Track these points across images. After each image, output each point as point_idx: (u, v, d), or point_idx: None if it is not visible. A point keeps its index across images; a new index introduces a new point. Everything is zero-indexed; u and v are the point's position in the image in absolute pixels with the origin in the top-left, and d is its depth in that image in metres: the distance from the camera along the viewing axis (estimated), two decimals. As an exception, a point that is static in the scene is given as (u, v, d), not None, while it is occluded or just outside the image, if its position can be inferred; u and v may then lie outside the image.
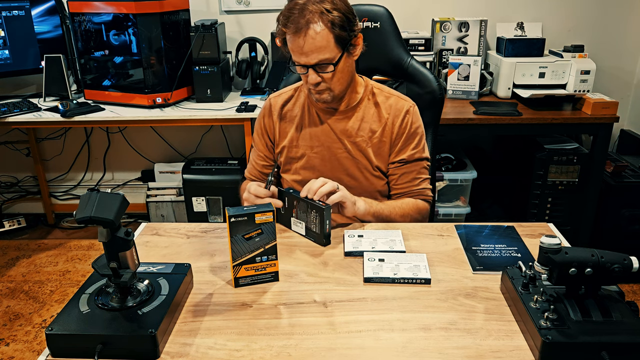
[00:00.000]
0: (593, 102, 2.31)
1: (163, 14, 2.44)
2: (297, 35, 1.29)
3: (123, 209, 0.91)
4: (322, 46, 1.30)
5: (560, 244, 0.92)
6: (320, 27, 1.28)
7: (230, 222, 1.04)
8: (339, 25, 1.29)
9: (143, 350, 0.89)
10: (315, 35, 1.28)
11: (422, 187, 1.49)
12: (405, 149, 1.46)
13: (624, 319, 0.89)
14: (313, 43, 1.29)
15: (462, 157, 2.67)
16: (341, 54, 1.33)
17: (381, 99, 1.47)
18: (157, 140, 3.09)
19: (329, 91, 1.38)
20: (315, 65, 1.33)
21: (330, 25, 1.28)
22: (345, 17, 1.31)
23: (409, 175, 1.48)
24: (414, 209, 1.46)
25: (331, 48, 1.31)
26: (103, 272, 0.94)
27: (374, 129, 1.45)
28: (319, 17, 1.27)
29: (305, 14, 1.27)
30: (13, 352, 2.13)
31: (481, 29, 2.68)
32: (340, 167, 1.47)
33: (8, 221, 3.12)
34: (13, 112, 2.47)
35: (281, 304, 1.04)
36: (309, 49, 1.30)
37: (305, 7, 1.28)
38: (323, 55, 1.31)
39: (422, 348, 0.91)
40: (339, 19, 1.29)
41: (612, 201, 2.44)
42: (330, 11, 1.28)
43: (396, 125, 1.45)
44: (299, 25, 1.28)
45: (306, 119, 1.49)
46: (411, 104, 1.47)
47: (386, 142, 1.46)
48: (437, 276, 1.13)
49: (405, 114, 1.45)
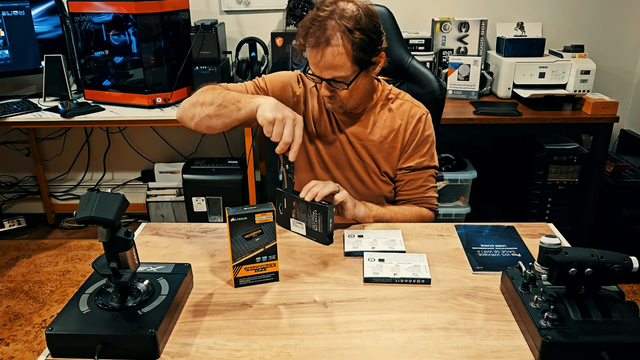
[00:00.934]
0: (593, 102, 2.31)
1: (163, 14, 2.44)
2: (315, 50, 1.25)
3: (123, 209, 0.91)
4: (339, 65, 1.26)
5: (560, 244, 0.92)
6: (338, 46, 1.24)
7: (230, 222, 1.04)
8: (359, 46, 1.25)
9: (143, 350, 0.89)
10: (333, 54, 1.24)
11: (428, 196, 1.48)
12: (414, 156, 1.45)
13: (624, 319, 0.89)
14: (329, 61, 1.25)
15: (462, 157, 2.67)
16: (357, 73, 1.30)
17: (395, 105, 1.45)
18: (157, 140, 3.09)
19: (341, 104, 1.37)
20: (329, 80, 1.30)
21: (350, 46, 1.24)
22: (368, 37, 1.26)
23: (416, 182, 1.46)
24: (417, 215, 1.45)
25: (347, 68, 1.27)
26: (103, 272, 0.94)
27: (385, 134, 1.44)
28: (339, 36, 1.23)
29: (327, 29, 1.23)
30: (13, 352, 2.13)
31: (481, 29, 2.68)
32: (349, 168, 1.47)
33: (8, 221, 3.13)
34: (13, 112, 2.47)
35: (281, 304, 1.04)
36: (324, 66, 1.27)
37: (327, 22, 1.24)
38: (338, 73, 1.28)
39: (422, 348, 0.91)
40: (360, 41, 1.24)
41: (612, 201, 2.44)
42: (352, 31, 1.23)
43: (408, 131, 1.43)
44: (318, 40, 1.24)
45: (322, 116, 1.47)
46: (425, 111, 1.45)
47: (397, 147, 1.45)
48: (437, 276, 1.13)
49: (417, 121, 1.43)
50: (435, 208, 1.49)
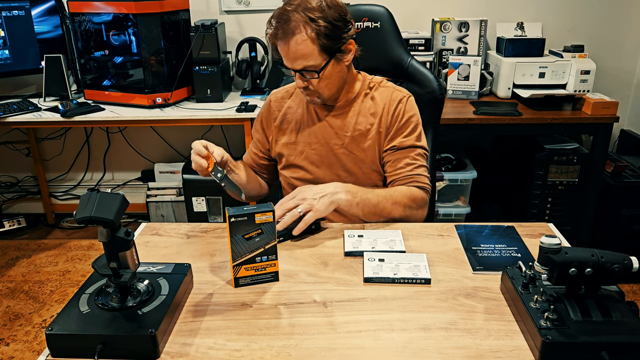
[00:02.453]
0: (593, 102, 2.31)
1: (163, 14, 2.44)
2: (283, 42, 1.31)
3: (123, 209, 0.91)
4: (306, 54, 1.31)
5: (560, 244, 0.92)
6: (303, 36, 1.29)
7: (230, 222, 1.04)
8: (324, 34, 1.29)
9: (143, 350, 0.89)
10: (299, 44, 1.29)
11: (417, 174, 1.42)
12: (397, 136, 1.44)
13: (624, 319, 0.89)
14: (296, 51, 1.30)
15: (462, 157, 2.67)
16: (327, 61, 1.33)
17: (377, 92, 1.47)
18: (157, 140, 3.09)
19: (317, 94, 1.40)
20: (301, 71, 1.34)
21: (314, 35, 1.29)
22: (333, 25, 1.30)
23: (402, 161, 1.43)
24: (408, 196, 1.38)
25: (315, 56, 1.31)
26: (103, 272, 0.94)
27: (370, 122, 1.45)
28: (303, 26, 1.28)
29: (291, 21, 1.29)
30: (13, 352, 2.13)
31: (481, 29, 2.68)
32: (338, 163, 1.48)
33: (8, 221, 3.13)
34: (13, 112, 2.47)
35: (281, 304, 1.04)
36: (293, 56, 1.32)
37: (292, 15, 1.29)
38: (307, 62, 1.32)
39: (422, 348, 0.91)
40: (325, 29, 1.29)
41: (612, 201, 2.44)
42: (316, 20, 1.28)
43: (389, 114, 1.44)
44: (284, 32, 1.30)
45: (305, 116, 1.50)
46: (406, 94, 1.47)
47: (382, 132, 1.46)
48: (437, 276, 1.13)
49: (398, 102, 1.45)
50: (426, 187, 1.43)
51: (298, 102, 1.52)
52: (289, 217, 1.27)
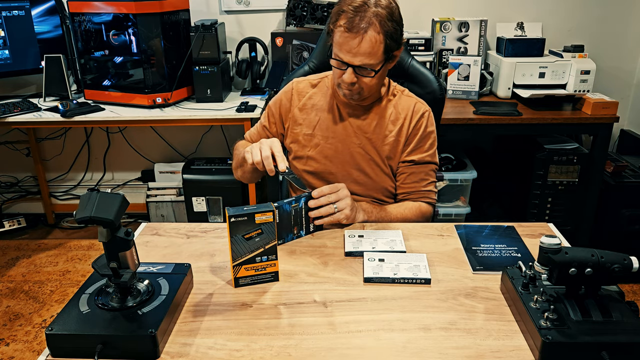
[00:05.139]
0: (593, 102, 2.31)
1: (163, 14, 2.44)
2: (352, 35, 1.28)
3: (123, 209, 0.91)
4: (372, 52, 1.30)
5: (560, 244, 0.92)
6: (377, 35, 1.28)
7: (230, 222, 1.04)
8: (391, 36, 1.30)
9: (143, 350, 0.89)
10: (369, 41, 1.28)
11: (428, 190, 1.50)
12: (416, 151, 1.48)
13: (624, 319, 0.89)
14: (366, 47, 1.29)
15: (462, 157, 2.67)
16: (384, 63, 1.34)
17: (400, 101, 1.49)
18: (157, 140, 3.09)
19: (361, 92, 1.39)
20: (358, 67, 1.33)
21: (384, 35, 1.29)
22: (399, 28, 1.33)
23: (417, 175, 1.49)
24: (417, 213, 1.47)
25: (378, 56, 1.32)
26: (103, 272, 0.94)
27: (390, 128, 1.47)
28: (379, 25, 1.28)
29: (368, 16, 1.27)
30: (13, 352, 2.13)
31: (481, 29, 2.68)
32: (352, 161, 1.48)
33: (8, 221, 3.12)
34: (13, 112, 2.47)
35: (281, 304, 1.04)
36: (357, 51, 1.30)
37: (371, 10, 1.27)
38: (369, 61, 1.31)
39: (422, 348, 0.91)
40: (394, 31, 1.30)
41: (612, 201, 2.44)
42: (388, 20, 1.29)
43: (411, 126, 1.47)
44: (358, 26, 1.27)
45: (326, 109, 1.50)
46: (428, 108, 1.50)
47: (400, 141, 1.47)
48: (437, 276, 1.13)
49: (420, 116, 1.47)
50: (433, 202, 1.52)
51: (321, 95, 1.52)
52: (325, 210, 1.30)
